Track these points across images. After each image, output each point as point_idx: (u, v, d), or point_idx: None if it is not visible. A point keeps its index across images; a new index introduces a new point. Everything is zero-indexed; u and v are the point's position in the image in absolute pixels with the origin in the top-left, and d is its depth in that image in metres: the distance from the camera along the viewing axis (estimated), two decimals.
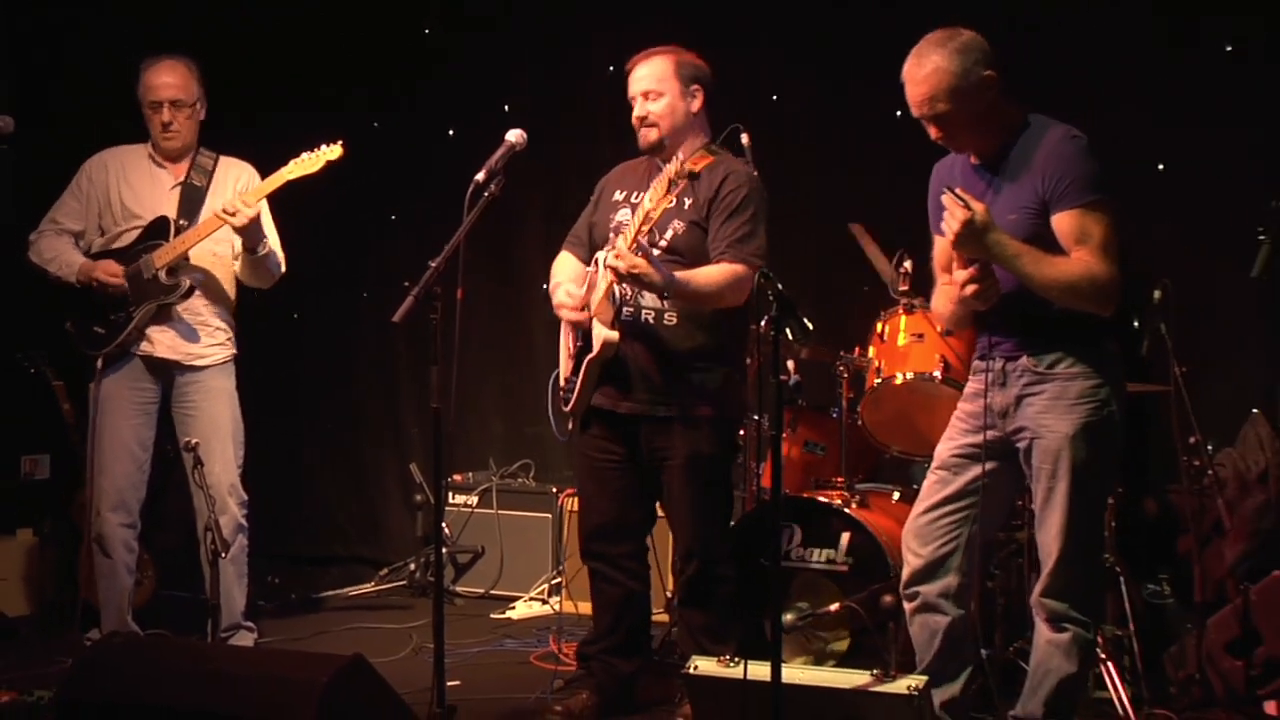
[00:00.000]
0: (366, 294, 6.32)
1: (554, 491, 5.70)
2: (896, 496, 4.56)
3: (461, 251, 3.65)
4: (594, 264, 4.05)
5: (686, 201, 3.92)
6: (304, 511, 6.52)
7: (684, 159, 3.67)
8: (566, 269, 4.20)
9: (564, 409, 4.13)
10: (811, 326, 3.18)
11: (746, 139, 4.19)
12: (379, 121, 6.29)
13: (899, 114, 3.48)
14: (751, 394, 4.35)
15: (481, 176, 3.72)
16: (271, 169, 4.50)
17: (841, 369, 4.53)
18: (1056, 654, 3.42)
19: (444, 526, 5.29)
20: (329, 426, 6.55)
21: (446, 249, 3.62)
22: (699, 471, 3.99)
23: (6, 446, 5.61)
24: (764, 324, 3.35)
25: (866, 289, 4.79)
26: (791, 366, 4.68)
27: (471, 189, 3.70)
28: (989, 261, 3.29)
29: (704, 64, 4.08)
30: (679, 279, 3.81)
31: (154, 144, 4.65)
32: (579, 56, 5.99)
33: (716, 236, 3.93)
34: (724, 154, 4.06)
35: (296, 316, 6.38)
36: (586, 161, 5.62)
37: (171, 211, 4.58)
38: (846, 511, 4.29)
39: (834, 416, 4.65)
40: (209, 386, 4.63)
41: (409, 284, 3.56)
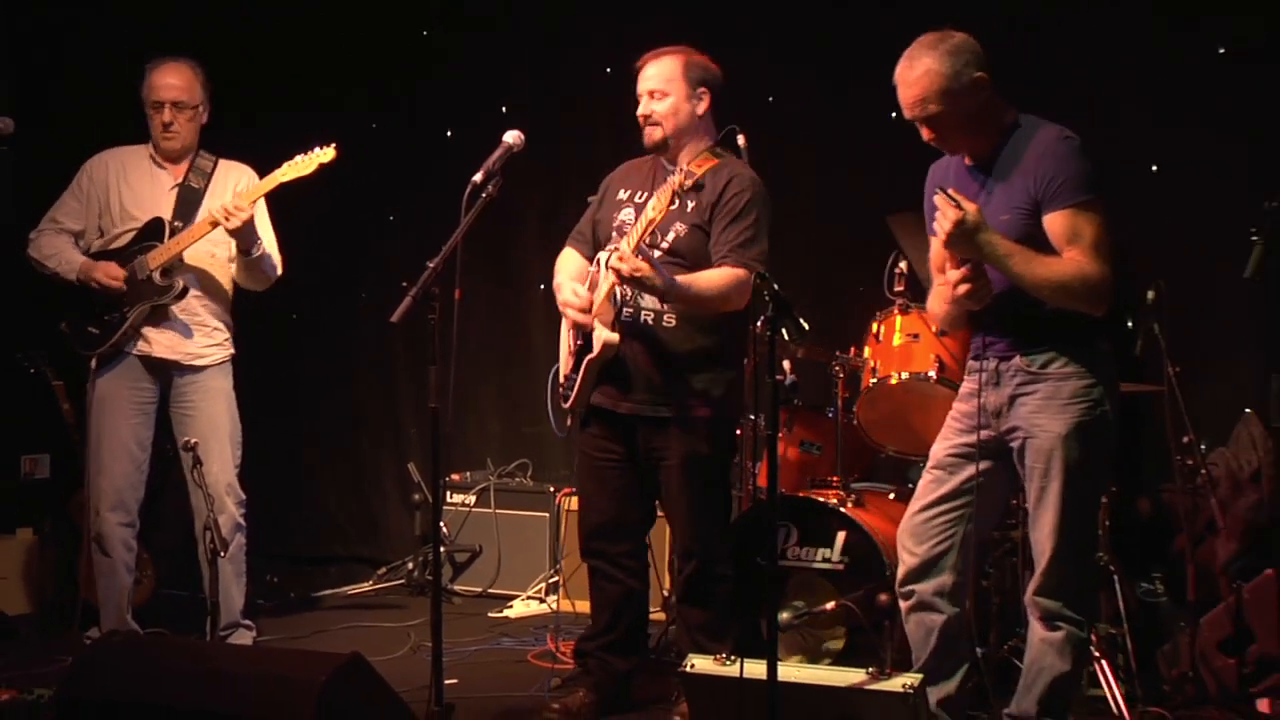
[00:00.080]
0: (365, 294, 6.31)
1: (551, 491, 5.71)
2: (892, 496, 4.58)
3: (459, 252, 3.65)
4: (596, 263, 4.05)
5: (689, 204, 3.90)
6: (303, 511, 6.52)
7: (688, 170, 3.68)
8: (570, 266, 4.19)
9: (563, 406, 4.14)
10: (807, 327, 3.18)
11: (743, 140, 4.18)
12: (378, 122, 6.29)
13: (894, 115, 3.49)
14: (748, 394, 4.35)
15: (479, 178, 3.72)
16: (270, 168, 4.50)
17: (837, 369, 4.54)
18: (1050, 652, 3.42)
19: (442, 526, 5.28)
20: (328, 426, 6.55)
21: (444, 250, 3.62)
22: (696, 472, 4.00)
23: (6, 446, 5.61)
24: (760, 324, 3.36)
25: (862, 289, 4.79)
26: (788, 366, 4.68)
27: (469, 190, 3.70)
28: (981, 261, 3.29)
29: (715, 66, 4.06)
30: (680, 283, 3.81)
31: (154, 144, 4.66)
32: (578, 57, 5.98)
33: (719, 241, 3.92)
34: (728, 157, 4.05)
35: (296, 317, 6.38)
36: (585, 162, 5.64)
37: (168, 213, 4.59)
38: (842, 511, 4.29)
39: (830, 416, 4.65)
40: (207, 386, 4.63)
41: (407, 284, 3.56)
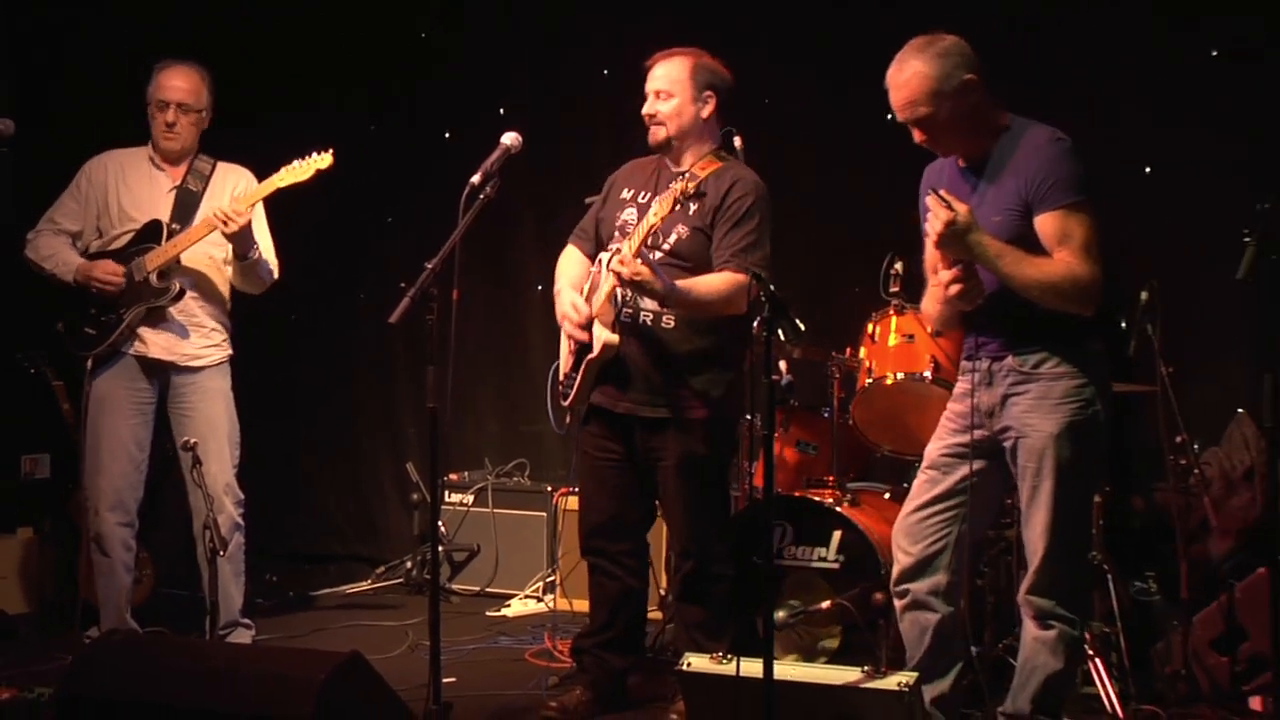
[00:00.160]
0: (364, 295, 6.32)
1: (549, 490, 5.72)
2: (888, 495, 4.59)
3: (457, 253, 3.66)
4: (598, 264, 4.06)
5: (691, 207, 3.90)
6: (302, 510, 6.54)
7: (691, 173, 3.69)
8: (570, 269, 4.19)
9: (562, 403, 4.15)
10: (804, 327, 3.20)
11: (739, 142, 4.18)
12: (377, 123, 6.30)
13: (889, 117, 3.50)
14: (745, 394, 4.38)
15: (477, 179, 3.74)
16: (269, 169, 4.51)
17: (833, 369, 4.55)
18: (1043, 651, 3.44)
19: (440, 525, 5.30)
20: (327, 426, 6.57)
21: (443, 251, 3.63)
22: (693, 472, 4.01)
23: (7, 446, 5.62)
24: (756, 325, 3.36)
25: (857, 290, 4.81)
26: (784, 367, 4.69)
27: (467, 191, 3.71)
28: (972, 262, 3.31)
29: (725, 71, 4.05)
30: (680, 287, 3.82)
31: (154, 144, 4.66)
32: (576, 58, 5.99)
33: (721, 245, 3.93)
34: (732, 160, 4.05)
35: (295, 318, 6.39)
36: (583, 164, 5.65)
37: (166, 215, 4.59)
38: (838, 510, 4.31)
39: (826, 416, 4.67)
40: (205, 387, 4.64)
41: (405, 285, 3.57)
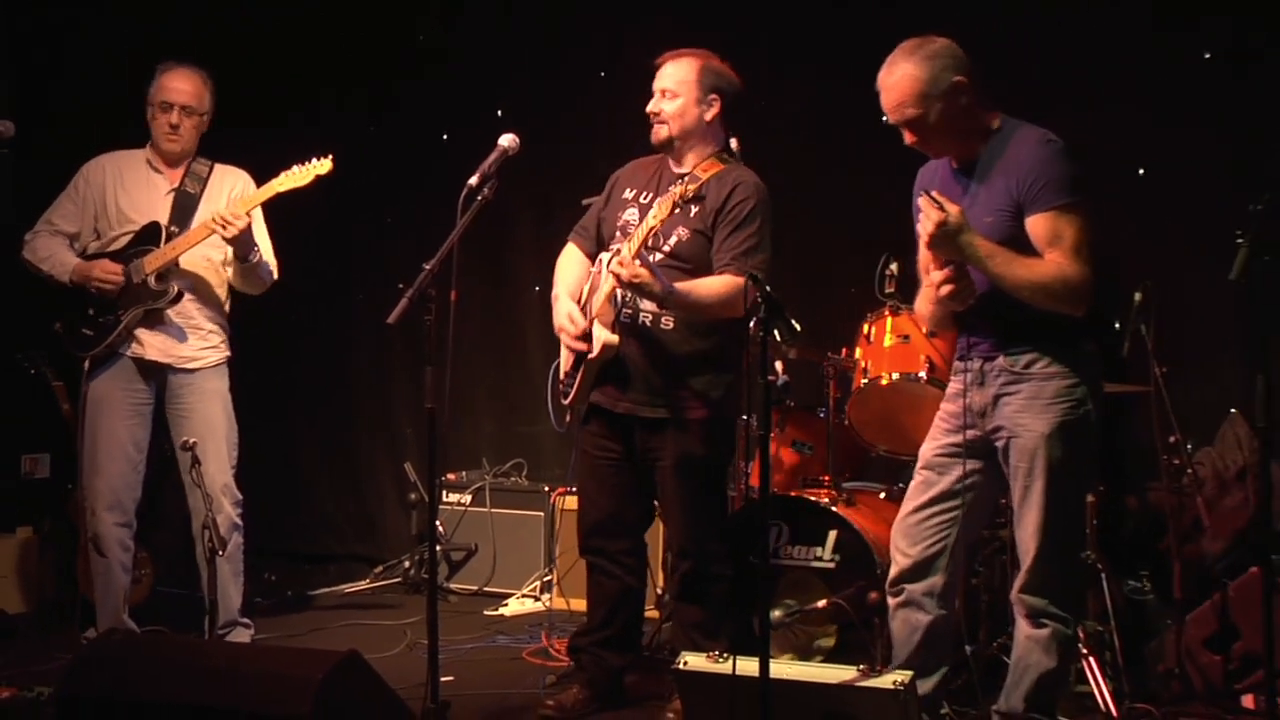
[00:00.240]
0: (362, 296, 6.33)
1: (546, 490, 5.74)
2: (883, 495, 4.61)
3: (455, 254, 3.67)
4: (598, 264, 4.07)
5: (692, 209, 3.91)
6: (300, 510, 6.55)
7: (692, 174, 3.69)
8: (569, 270, 4.20)
9: (563, 402, 4.17)
10: (799, 328, 3.21)
11: (735, 144, 4.18)
12: (376, 124, 6.30)
13: (885, 119, 3.50)
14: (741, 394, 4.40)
15: (474, 181, 3.75)
16: (267, 170, 4.52)
17: (829, 369, 4.57)
18: (1036, 649, 3.46)
19: (438, 525, 5.32)
20: (326, 426, 6.58)
21: (441, 252, 3.64)
22: (691, 473, 4.02)
23: (7, 446, 5.64)
24: (752, 325, 3.38)
25: (853, 290, 4.82)
26: (780, 367, 4.70)
27: (464, 193, 3.72)
28: (963, 263, 3.32)
29: (733, 75, 4.06)
30: (680, 290, 3.83)
31: (154, 145, 4.67)
32: (575, 60, 6.00)
33: (722, 247, 3.94)
34: (734, 163, 4.06)
35: (294, 319, 6.40)
36: (581, 165, 5.65)
37: (164, 217, 4.60)
38: (834, 510, 4.32)
39: (821, 416, 4.69)
40: (202, 388, 4.65)
41: (404, 286, 3.58)
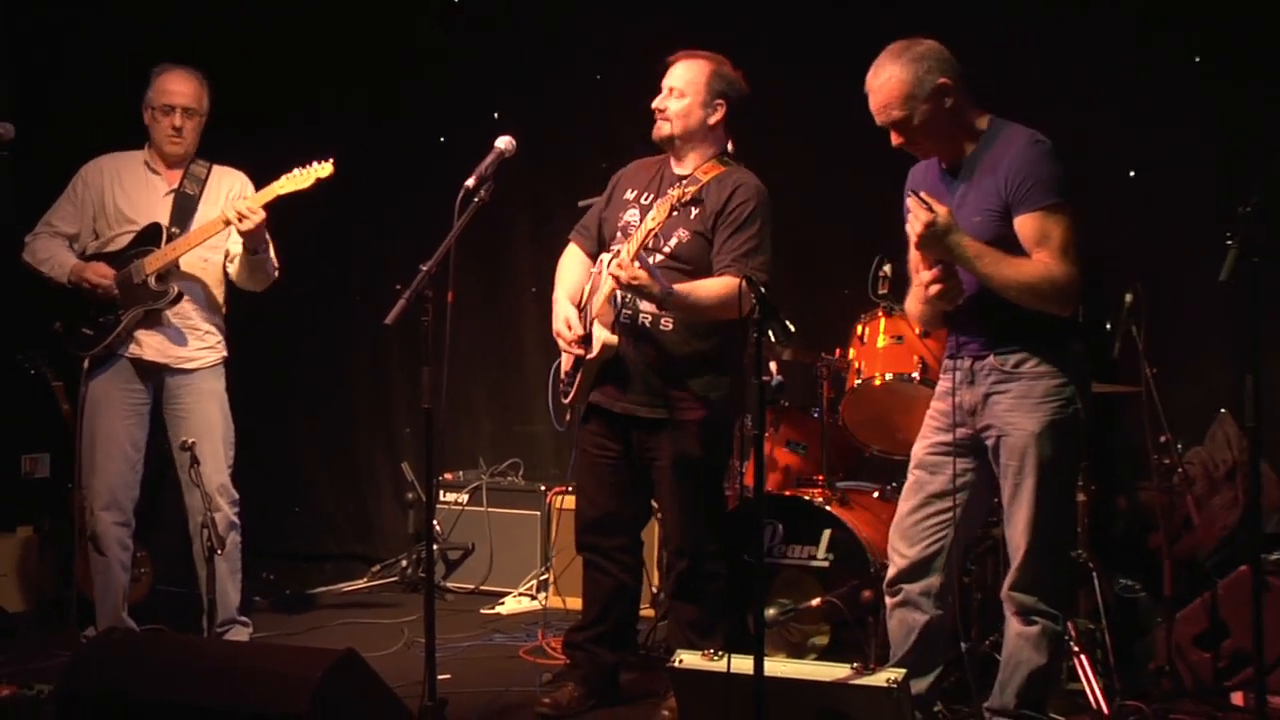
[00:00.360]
0: (360, 297, 6.34)
1: (542, 490, 5.75)
2: (876, 495, 4.63)
3: (452, 256, 3.69)
4: (598, 265, 4.09)
5: (693, 211, 3.93)
6: (299, 509, 6.56)
7: (692, 176, 3.70)
8: (570, 271, 4.21)
9: (563, 401, 4.20)
10: (794, 329, 3.22)
11: (731, 145, 4.18)
12: (376, 124, 6.30)
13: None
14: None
15: (471, 182, 3.78)
16: (267, 170, 4.53)
17: (823, 370, 4.58)
18: (1026, 646, 3.49)
19: (435, 524, 5.34)
20: (324, 426, 6.59)
21: (438, 253, 3.66)
22: (688, 473, 4.04)
23: (7, 446, 5.66)
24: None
25: (847, 291, 4.84)
26: (774, 368, 4.72)
27: (461, 195, 3.75)
28: (952, 262, 3.35)
29: (743, 83, 4.08)
30: (679, 291, 3.85)
31: (155, 147, 4.68)
32: (573, 61, 6.01)
33: (722, 249, 3.95)
34: (735, 165, 4.07)
35: (292, 319, 6.42)
36: (579, 167, 5.69)
37: (164, 218, 4.62)
38: (828, 509, 4.35)
39: (815, 416, 4.70)
40: (199, 389, 4.66)
41: (401, 287, 3.60)
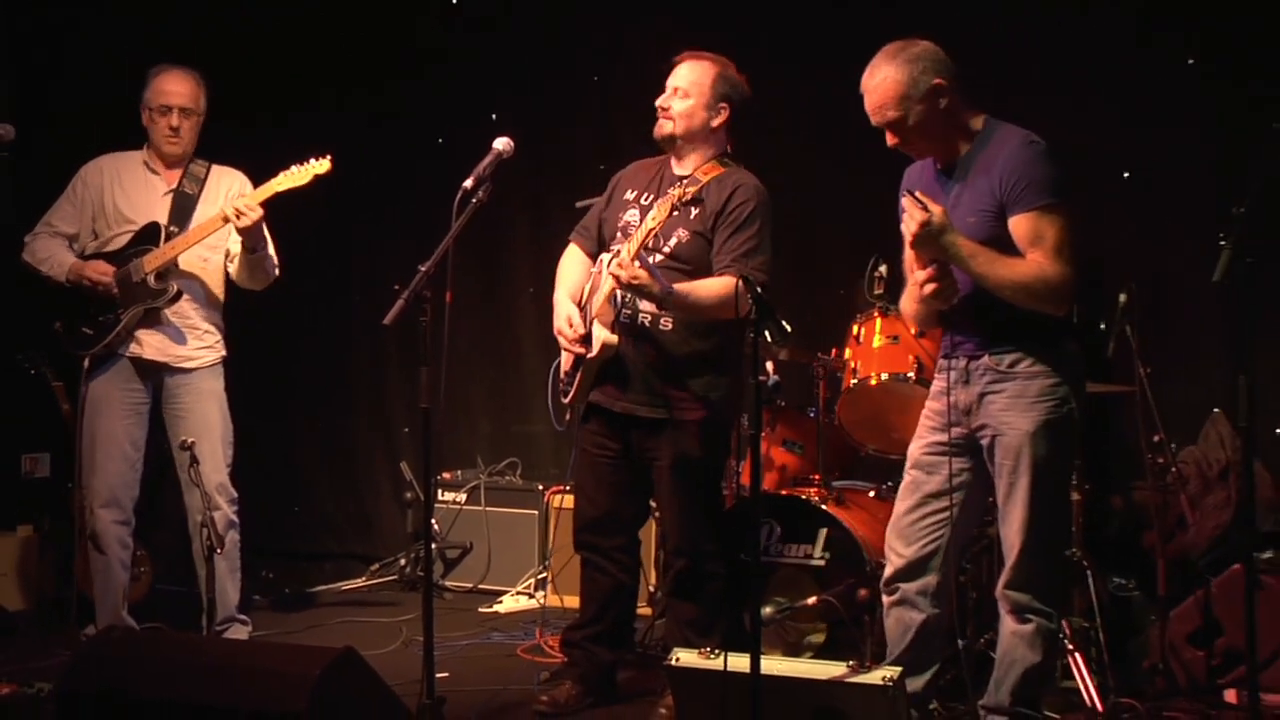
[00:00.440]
0: (359, 297, 6.35)
1: (540, 489, 5.77)
2: (872, 494, 4.65)
3: (450, 256, 3.71)
4: (598, 265, 4.11)
5: (693, 211, 3.94)
6: (298, 509, 6.58)
7: (692, 177, 3.71)
8: (571, 271, 4.23)
9: (562, 400, 4.21)
10: (790, 329, 3.24)
11: (730, 147, 4.17)
12: (375, 124, 6.30)
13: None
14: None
15: (470, 183, 3.79)
16: (266, 170, 4.54)
17: (819, 370, 4.60)
18: (1021, 645, 3.50)
19: (433, 523, 5.36)
20: (323, 426, 6.60)
21: (436, 253, 3.68)
22: (687, 473, 4.05)
23: (7, 445, 5.67)
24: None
25: (842, 292, 4.86)
26: (771, 367, 4.74)
27: (459, 195, 3.76)
28: (947, 262, 3.36)
29: (747, 87, 4.09)
30: (679, 291, 3.87)
31: (154, 148, 4.70)
32: (571, 62, 6.02)
33: (722, 249, 3.96)
34: (735, 166, 4.08)
35: (292, 319, 6.43)
36: (577, 167, 5.71)
37: (163, 218, 4.64)
38: (824, 509, 4.36)
39: (812, 416, 4.71)
40: (198, 388, 4.67)
41: (400, 287, 3.62)
